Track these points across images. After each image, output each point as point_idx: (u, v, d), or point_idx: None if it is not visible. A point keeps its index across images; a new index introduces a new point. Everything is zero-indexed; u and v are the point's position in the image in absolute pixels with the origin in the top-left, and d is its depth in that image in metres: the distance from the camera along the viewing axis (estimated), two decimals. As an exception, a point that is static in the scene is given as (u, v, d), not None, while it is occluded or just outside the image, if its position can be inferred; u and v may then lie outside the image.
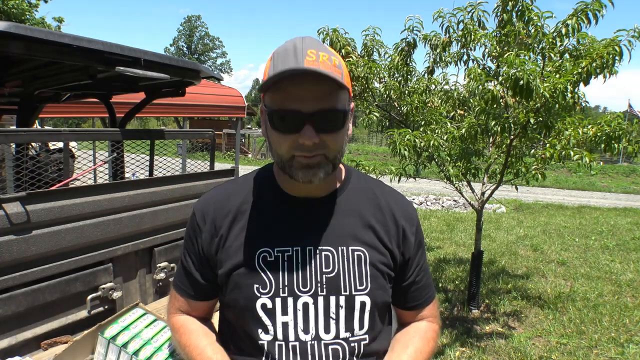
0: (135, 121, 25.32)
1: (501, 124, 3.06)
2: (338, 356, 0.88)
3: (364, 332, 0.91)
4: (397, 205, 1.01)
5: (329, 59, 0.81)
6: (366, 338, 0.91)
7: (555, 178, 16.58)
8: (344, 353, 0.89)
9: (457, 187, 3.96)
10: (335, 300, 0.89)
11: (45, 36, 1.51)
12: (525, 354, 3.27)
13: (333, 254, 0.91)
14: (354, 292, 0.90)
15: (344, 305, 0.89)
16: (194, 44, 52.73)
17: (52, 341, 1.54)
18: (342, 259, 0.91)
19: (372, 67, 3.62)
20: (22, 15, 13.43)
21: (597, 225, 8.15)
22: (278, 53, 0.83)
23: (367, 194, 1.00)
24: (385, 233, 0.96)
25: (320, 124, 0.81)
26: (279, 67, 0.79)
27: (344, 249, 0.92)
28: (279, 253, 0.90)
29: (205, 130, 2.58)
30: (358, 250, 0.92)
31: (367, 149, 24.78)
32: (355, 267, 0.91)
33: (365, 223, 0.95)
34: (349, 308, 0.90)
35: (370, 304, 0.91)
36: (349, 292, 0.90)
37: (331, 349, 0.88)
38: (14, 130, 1.67)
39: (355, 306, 0.90)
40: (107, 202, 1.75)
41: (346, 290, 0.90)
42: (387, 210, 0.98)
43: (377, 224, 0.96)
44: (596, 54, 2.86)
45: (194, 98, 9.91)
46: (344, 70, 0.86)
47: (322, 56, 0.80)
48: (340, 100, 0.85)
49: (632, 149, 3.01)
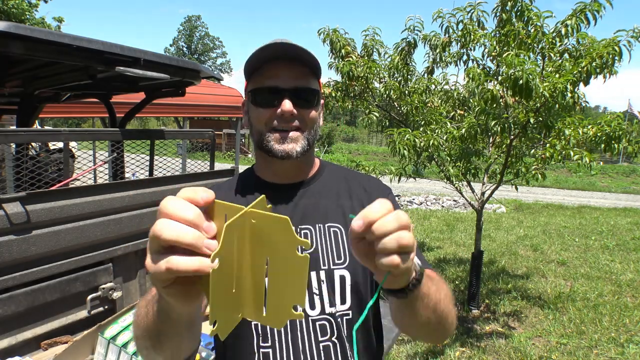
0: (135, 121, 25.33)
1: (501, 124, 3.06)
2: (326, 332, 0.90)
3: (347, 307, 0.92)
4: (370, 183, 1.06)
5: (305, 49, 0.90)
6: (349, 313, 0.92)
7: (555, 178, 16.58)
8: (331, 328, 0.90)
9: (457, 187, 3.97)
10: (316, 276, 0.91)
11: (45, 36, 1.51)
12: (525, 354, 3.27)
13: (311, 232, 0.95)
14: (332, 267, 0.92)
15: (324, 279, 0.91)
16: (194, 44, 52.73)
17: (52, 341, 1.55)
18: (320, 236, 0.95)
19: (372, 67, 3.62)
20: (22, 15, 13.43)
21: (597, 225, 8.15)
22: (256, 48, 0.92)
23: (341, 177, 1.06)
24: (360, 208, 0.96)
25: (297, 98, 0.91)
26: (259, 49, 0.89)
27: (321, 226, 0.95)
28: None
29: (205, 130, 2.58)
30: (334, 227, 0.96)
31: (367, 149, 24.79)
32: (333, 243, 0.94)
33: (341, 202, 1.00)
34: (330, 282, 0.92)
35: (350, 277, 0.92)
36: (328, 266, 0.92)
37: (318, 325, 0.90)
38: (14, 130, 1.67)
39: (335, 280, 0.92)
40: (107, 202, 1.75)
41: (325, 264, 0.92)
42: (360, 190, 1.03)
43: (351, 201, 1.00)
44: (596, 54, 2.86)
45: (194, 98, 9.91)
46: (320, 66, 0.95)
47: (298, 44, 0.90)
48: (313, 84, 0.95)
49: (632, 149, 3.02)
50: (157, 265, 0.47)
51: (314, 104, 0.95)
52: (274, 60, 0.91)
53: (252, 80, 0.95)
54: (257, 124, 0.94)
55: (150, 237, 0.48)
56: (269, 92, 0.91)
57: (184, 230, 0.46)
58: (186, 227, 0.47)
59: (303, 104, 0.92)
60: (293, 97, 0.90)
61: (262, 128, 0.93)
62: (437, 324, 0.78)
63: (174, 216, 0.47)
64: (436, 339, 0.94)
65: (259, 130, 0.94)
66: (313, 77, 0.95)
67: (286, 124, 0.91)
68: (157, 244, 0.47)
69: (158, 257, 0.48)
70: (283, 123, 0.91)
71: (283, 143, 0.92)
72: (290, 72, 0.91)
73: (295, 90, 0.91)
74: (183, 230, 0.46)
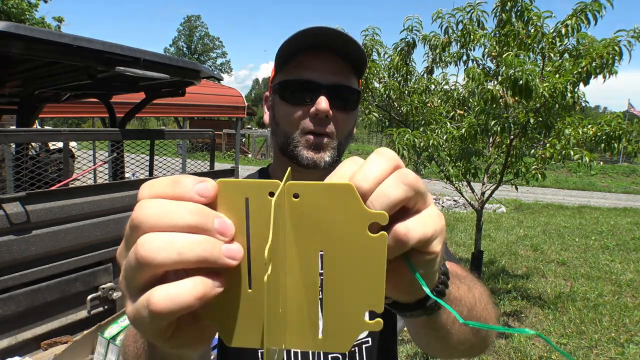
0: (135, 121, 25.34)
1: (501, 124, 3.07)
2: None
3: (366, 335, 0.82)
4: None
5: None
6: (368, 341, 0.82)
7: (555, 178, 16.58)
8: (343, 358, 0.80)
9: (457, 187, 3.97)
10: None
11: (45, 36, 1.51)
12: (525, 354, 3.27)
13: None
14: None
15: None
16: (193, 44, 52.72)
17: (52, 341, 1.55)
18: None
19: (371, 67, 3.62)
20: (21, 15, 13.43)
21: (597, 225, 8.15)
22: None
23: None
24: None
25: (335, 98, 0.76)
26: (298, 34, 0.73)
27: None
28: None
29: (205, 130, 2.58)
30: None
31: (367, 149, 24.79)
32: None
33: None
34: None
35: None
36: None
37: (330, 357, 0.79)
38: (14, 130, 1.67)
39: None
40: (107, 202, 1.75)
41: None
42: None
43: None
44: (596, 54, 2.86)
45: (194, 98, 9.92)
46: (367, 64, 0.82)
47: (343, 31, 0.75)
48: (354, 83, 0.81)
49: (632, 148, 3.02)
50: (145, 308, 0.29)
51: (353, 106, 0.81)
52: (313, 49, 0.75)
53: (282, 70, 0.79)
54: (284, 123, 0.79)
55: (130, 268, 0.30)
56: (303, 87, 0.76)
57: (187, 242, 0.28)
58: (188, 236, 0.29)
59: (341, 106, 0.77)
60: (331, 96, 0.75)
61: (290, 129, 0.78)
62: (475, 335, 0.58)
63: (164, 225, 0.29)
64: (477, 352, 0.66)
65: (285, 132, 0.79)
66: (355, 76, 0.80)
67: (321, 128, 0.76)
68: (143, 275, 0.29)
69: (143, 297, 0.30)
70: (317, 126, 0.76)
71: (312, 150, 0.77)
72: (332, 66, 0.76)
73: (335, 88, 0.76)
74: (186, 242, 0.28)
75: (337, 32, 0.72)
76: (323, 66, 0.76)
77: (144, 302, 0.29)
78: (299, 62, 0.76)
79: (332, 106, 0.75)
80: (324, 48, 0.75)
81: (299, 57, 0.76)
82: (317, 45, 0.74)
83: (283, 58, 0.77)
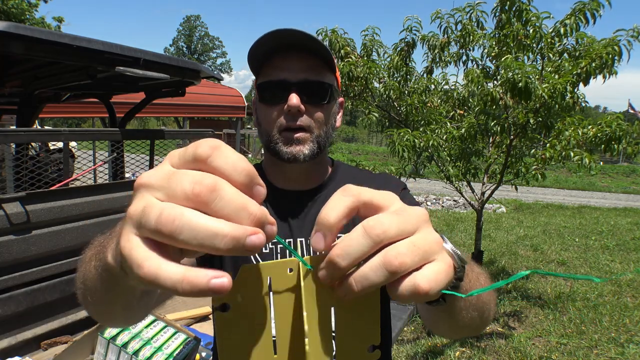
0: (135, 121, 25.33)
1: (501, 124, 3.07)
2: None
3: None
4: (383, 182, 0.97)
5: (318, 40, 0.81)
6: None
7: (555, 178, 16.58)
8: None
9: (457, 187, 3.97)
10: None
11: (45, 36, 1.51)
12: (525, 354, 3.27)
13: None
14: None
15: None
16: (193, 44, 52.71)
17: (52, 341, 1.55)
18: None
19: (371, 67, 3.62)
20: (21, 15, 13.42)
21: (597, 225, 8.15)
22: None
23: (351, 179, 0.95)
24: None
25: (306, 93, 0.81)
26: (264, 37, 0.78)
27: None
28: (272, 245, 0.88)
29: (205, 130, 2.58)
30: None
31: (367, 149, 24.79)
32: None
33: None
34: None
35: None
36: None
37: None
38: (14, 130, 1.67)
39: None
40: (107, 202, 1.76)
41: None
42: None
43: None
44: (595, 54, 2.86)
45: (194, 98, 9.92)
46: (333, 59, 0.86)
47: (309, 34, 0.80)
48: (327, 77, 0.85)
49: (632, 150, 3.02)
50: (139, 268, 0.29)
51: (326, 99, 0.85)
52: (283, 51, 0.80)
53: (260, 74, 0.85)
54: (265, 123, 0.86)
55: (161, 221, 0.28)
56: (276, 87, 0.81)
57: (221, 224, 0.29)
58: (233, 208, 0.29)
59: (312, 100, 0.82)
60: (301, 92, 0.80)
61: (270, 127, 0.84)
62: (480, 318, 0.63)
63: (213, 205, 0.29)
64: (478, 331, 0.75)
65: (266, 131, 0.86)
66: (328, 70, 0.85)
67: (294, 122, 0.82)
68: (163, 235, 0.28)
69: (149, 253, 0.29)
70: (290, 121, 0.82)
71: (290, 145, 0.82)
72: (302, 64, 0.81)
73: (305, 84, 0.81)
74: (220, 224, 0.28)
75: (303, 32, 0.77)
76: (293, 65, 0.81)
77: (143, 260, 0.29)
78: (271, 64, 0.82)
79: (304, 101, 0.81)
80: (292, 48, 0.80)
81: (272, 60, 0.82)
82: (287, 46, 0.80)
83: (258, 62, 0.83)
